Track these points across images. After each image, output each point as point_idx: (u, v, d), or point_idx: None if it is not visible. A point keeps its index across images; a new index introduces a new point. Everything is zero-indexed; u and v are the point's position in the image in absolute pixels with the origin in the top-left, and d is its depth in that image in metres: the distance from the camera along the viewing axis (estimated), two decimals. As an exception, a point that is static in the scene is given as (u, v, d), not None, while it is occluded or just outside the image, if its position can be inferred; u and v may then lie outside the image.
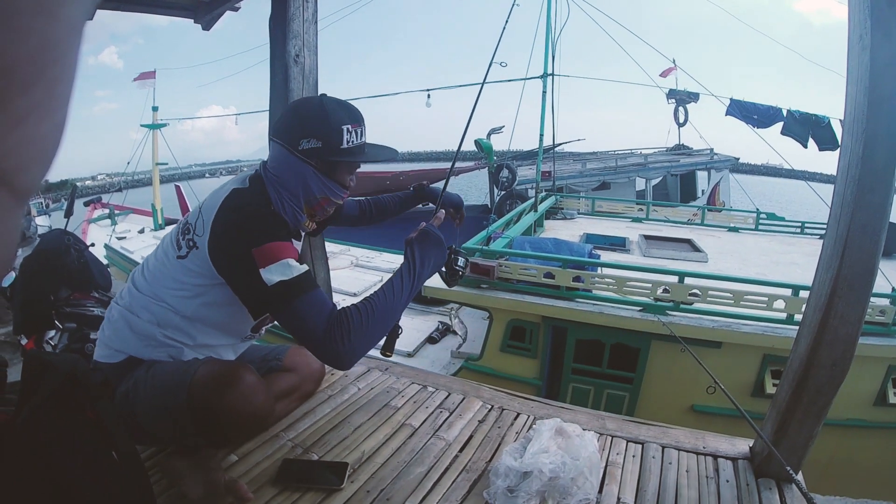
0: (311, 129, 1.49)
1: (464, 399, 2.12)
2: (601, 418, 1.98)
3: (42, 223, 10.45)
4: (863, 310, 1.46)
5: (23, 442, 1.28)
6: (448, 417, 2.00)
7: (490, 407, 2.07)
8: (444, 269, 1.72)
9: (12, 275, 2.98)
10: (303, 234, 1.77)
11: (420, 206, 2.23)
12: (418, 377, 2.32)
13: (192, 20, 2.89)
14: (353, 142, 1.53)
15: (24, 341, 2.86)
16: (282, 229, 1.47)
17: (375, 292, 1.45)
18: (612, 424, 1.94)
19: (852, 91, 1.39)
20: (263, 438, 1.86)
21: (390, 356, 1.69)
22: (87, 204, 11.22)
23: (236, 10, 2.77)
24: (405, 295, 1.48)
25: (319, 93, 2.28)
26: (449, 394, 2.17)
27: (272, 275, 1.34)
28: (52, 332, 2.63)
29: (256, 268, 1.35)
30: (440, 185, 2.07)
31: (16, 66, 0.25)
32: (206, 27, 2.92)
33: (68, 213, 3.30)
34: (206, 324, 1.60)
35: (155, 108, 11.48)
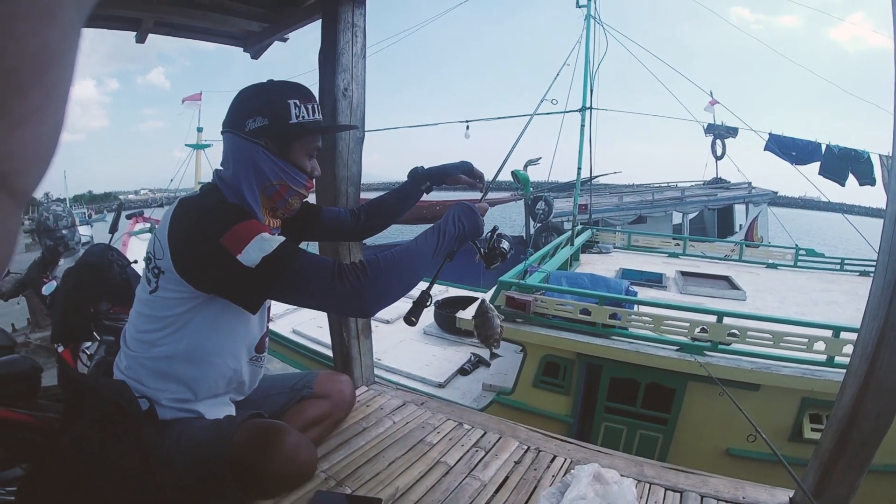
0: (256, 106, 1.44)
1: (500, 438, 2.10)
2: (639, 464, 1.94)
3: (85, 233, 10.76)
4: None
5: (65, 468, 1.29)
6: (484, 457, 1.98)
7: (526, 448, 2.05)
8: (484, 248, 1.73)
9: (53, 283, 3.06)
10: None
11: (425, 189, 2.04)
12: (454, 413, 2.30)
13: (242, 49, 2.97)
14: (303, 117, 1.47)
15: (60, 349, 2.92)
16: (244, 214, 1.38)
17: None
18: (650, 471, 1.90)
19: None
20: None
21: (414, 323, 1.61)
22: (129, 217, 11.53)
23: (285, 40, 2.84)
24: (429, 247, 1.46)
25: (377, 127, 2.32)
26: (485, 432, 2.15)
27: (252, 255, 1.26)
28: (89, 343, 2.68)
29: (233, 256, 1.26)
30: (443, 165, 1.98)
31: (15, 70, 0.25)
32: (255, 56, 2.99)
33: (113, 229, 3.36)
34: (208, 355, 1.51)
35: (200, 129, 11.85)
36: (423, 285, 1.69)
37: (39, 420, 2.14)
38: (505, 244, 1.74)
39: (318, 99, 2.18)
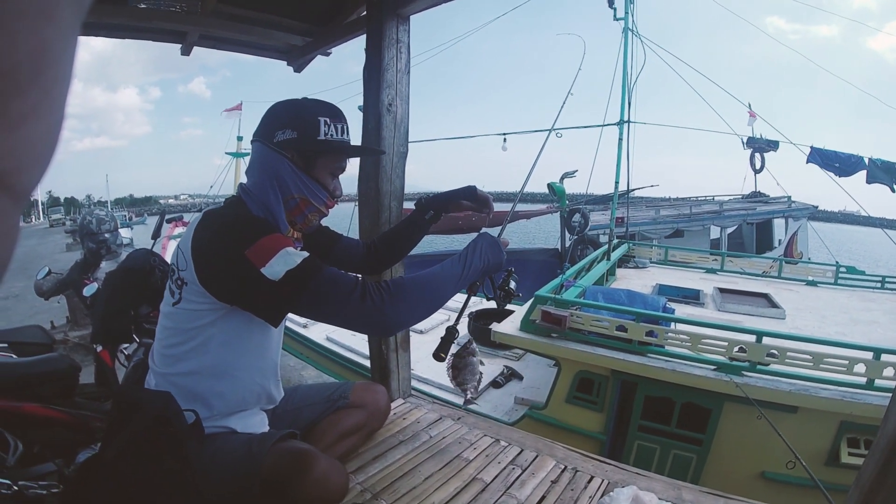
0: (286, 119, 1.47)
1: (537, 457, 2.09)
2: (678, 488, 1.92)
3: (125, 235, 11.04)
4: None
5: (110, 481, 1.30)
6: (520, 475, 1.98)
7: (563, 467, 2.03)
8: (498, 289, 1.78)
9: (94, 285, 3.12)
10: None
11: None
12: (491, 430, 2.30)
13: (286, 62, 3.02)
14: (332, 135, 1.49)
15: (99, 349, 2.99)
16: (270, 228, 1.37)
17: None
18: (688, 495, 1.88)
19: None
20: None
21: (443, 359, 1.66)
22: (169, 221, 11.75)
23: (328, 55, 2.88)
24: (454, 275, 1.48)
25: (415, 139, 2.33)
26: (522, 450, 2.14)
27: (276, 268, 1.26)
28: (128, 345, 2.73)
29: (256, 269, 1.26)
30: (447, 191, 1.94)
31: (12, 69, 0.25)
32: (298, 70, 3.04)
33: (155, 235, 3.41)
34: (234, 370, 1.51)
35: (240, 138, 12.08)
36: (443, 317, 1.74)
37: (76, 418, 2.19)
38: (513, 285, 1.79)
39: (363, 113, 2.22)
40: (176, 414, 1.37)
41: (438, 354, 1.62)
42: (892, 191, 6.77)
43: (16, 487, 1.81)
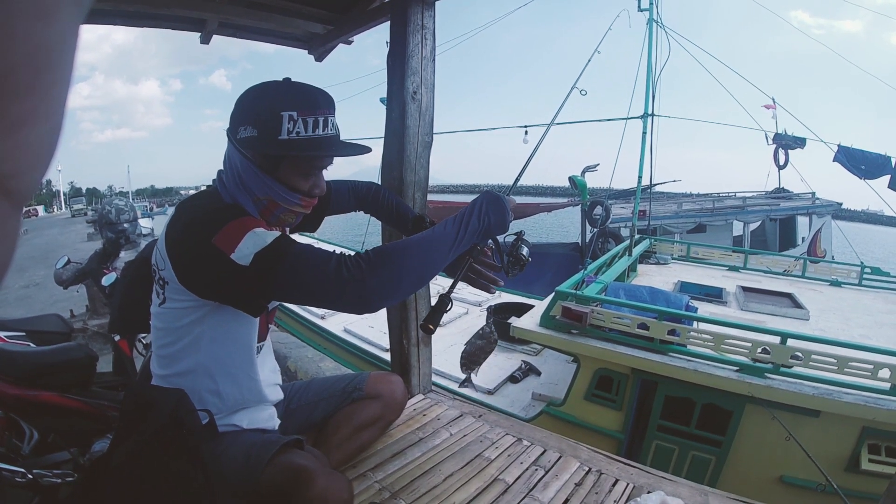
0: (247, 114, 1.31)
1: (560, 458, 2.06)
2: (705, 493, 1.88)
3: (146, 225, 11.09)
4: None
5: (120, 485, 1.26)
6: (543, 476, 1.94)
7: (588, 469, 2.00)
8: (507, 255, 1.59)
9: (113, 275, 3.12)
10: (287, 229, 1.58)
11: None
12: (513, 428, 2.26)
13: (307, 51, 2.98)
14: (298, 132, 1.29)
15: (117, 338, 2.98)
16: (238, 213, 1.28)
17: None
18: (715, 501, 1.84)
19: None
20: (351, 476, 1.84)
21: (432, 331, 1.46)
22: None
23: (349, 43, 2.83)
24: (447, 238, 1.31)
25: (434, 131, 2.26)
26: (545, 450, 2.11)
27: (245, 251, 1.16)
28: (146, 335, 2.72)
29: (226, 256, 1.16)
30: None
31: (10, 71, 0.25)
32: (319, 59, 3.00)
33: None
34: (228, 367, 1.45)
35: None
36: (438, 286, 1.56)
37: (93, 407, 2.19)
38: (524, 250, 1.60)
39: (388, 101, 2.16)
40: (190, 413, 1.32)
41: (427, 326, 1.43)
42: None
43: (30, 476, 1.80)
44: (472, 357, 1.91)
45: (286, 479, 1.37)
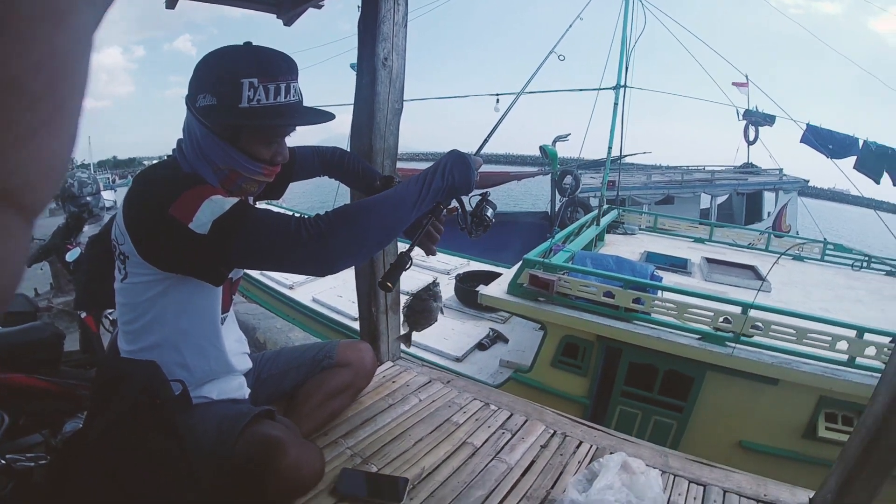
0: (206, 81, 1.26)
1: (526, 421, 2.11)
2: (664, 455, 1.95)
3: (109, 197, 10.85)
4: None
5: (96, 461, 1.26)
6: (510, 439, 1.99)
7: (553, 432, 2.05)
8: (471, 216, 1.54)
9: (77, 250, 3.06)
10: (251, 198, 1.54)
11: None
12: (481, 394, 2.30)
13: (276, 15, 2.91)
14: (259, 100, 1.25)
15: (83, 315, 2.93)
16: (195, 181, 1.25)
17: None
18: (675, 463, 1.91)
19: None
20: (323, 444, 1.86)
21: (390, 289, 1.39)
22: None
23: (320, 7, 2.76)
24: (410, 197, 1.27)
25: (405, 98, 2.23)
26: (511, 414, 2.15)
27: (203, 219, 1.13)
28: (112, 310, 2.69)
29: (184, 225, 1.13)
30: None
31: (20, 79, 0.23)
32: (288, 23, 2.93)
33: None
34: (194, 339, 1.43)
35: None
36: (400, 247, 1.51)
37: (62, 387, 2.15)
38: (489, 212, 1.55)
39: (357, 67, 2.13)
40: (162, 384, 1.31)
41: (385, 283, 1.36)
42: (877, 182, 6.79)
43: (3, 461, 1.77)
44: (414, 321, 1.84)
45: (259, 450, 1.37)
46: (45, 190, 0.27)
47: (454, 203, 1.50)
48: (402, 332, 1.83)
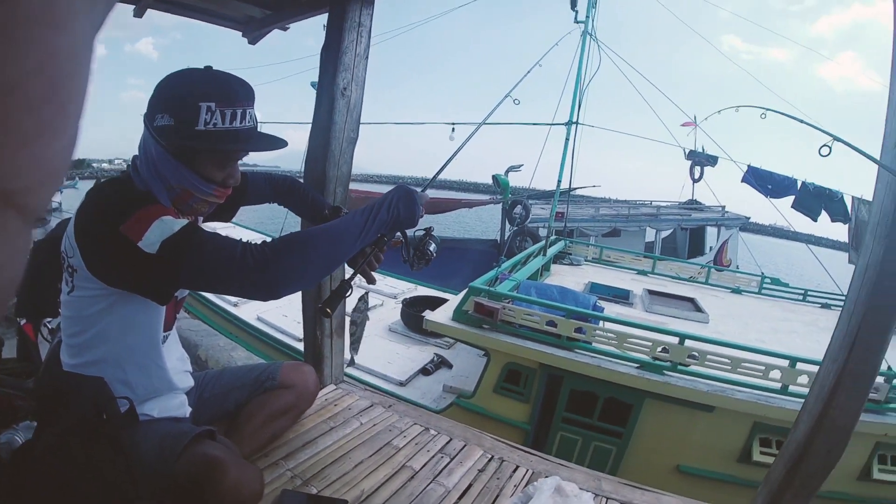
0: (165, 101, 1.27)
1: (465, 446, 2.14)
2: (597, 479, 2.01)
3: (54, 199, 10.43)
4: (862, 402, 1.54)
5: (43, 475, 1.24)
6: (448, 463, 2.02)
7: (490, 457, 2.09)
8: (412, 249, 1.60)
9: None
10: (200, 219, 1.56)
11: None
12: (421, 418, 2.34)
13: (241, 34, 2.93)
14: (216, 123, 1.27)
15: (23, 322, 2.84)
16: (148, 200, 1.26)
17: None
18: (607, 486, 1.97)
19: (881, 194, 1.45)
20: (263, 465, 1.86)
21: (330, 315, 1.44)
22: None
23: (286, 29, 2.81)
24: (354, 229, 1.31)
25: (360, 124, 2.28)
26: (451, 439, 2.19)
27: (152, 239, 1.15)
28: (52, 319, 2.62)
29: (133, 244, 1.14)
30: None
31: (21, 83, 0.23)
32: (253, 42, 2.95)
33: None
34: (137, 357, 1.43)
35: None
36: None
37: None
38: (432, 247, 1.61)
39: (317, 94, 2.17)
40: (109, 401, 1.30)
41: (324, 310, 1.41)
42: (814, 220, 7.12)
43: None
44: (358, 336, 2.00)
45: (199, 470, 1.36)
46: (45, 192, 0.27)
47: (399, 236, 1.55)
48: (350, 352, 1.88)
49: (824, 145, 1.98)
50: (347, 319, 2.30)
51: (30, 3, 0.23)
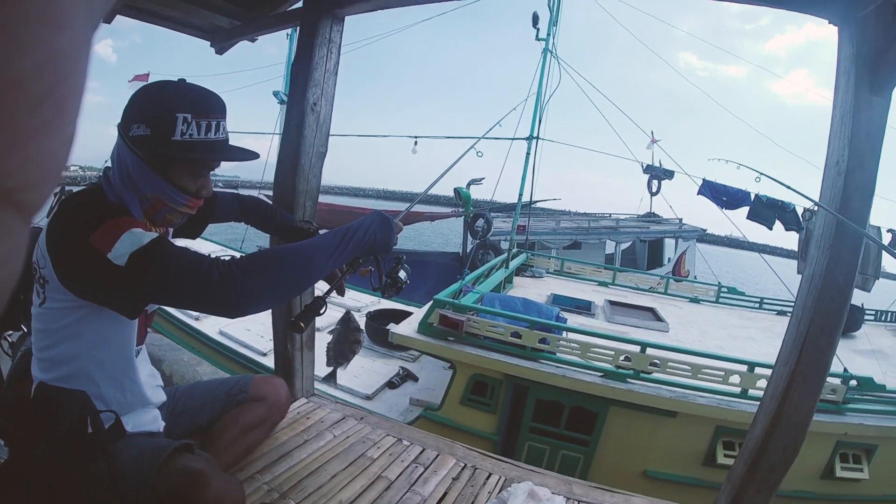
0: (142, 112, 1.30)
1: (438, 455, 2.17)
2: (568, 483, 2.06)
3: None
4: (815, 400, 1.62)
5: (28, 492, 1.23)
6: (423, 473, 2.05)
7: (463, 465, 2.13)
8: (386, 276, 1.65)
9: None
10: (170, 231, 1.58)
11: None
12: (394, 429, 2.36)
13: (209, 43, 2.92)
14: (191, 134, 1.30)
15: None
16: (119, 212, 1.26)
17: None
18: (578, 489, 2.02)
19: (823, 210, 1.54)
20: (240, 479, 1.85)
21: (303, 330, 1.44)
22: (56, 195, 10.91)
23: (253, 41, 2.82)
24: (327, 249, 1.33)
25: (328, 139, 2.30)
26: (424, 449, 2.22)
27: (121, 250, 1.14)
28: (12, 332, 2.55)
29: (103, 255, 1.14)
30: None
31: (20, 82, 0.24)
32: (220, 52, 2.95)
33: (50, 213, 3.21)
34: (110, 371, 1.41)
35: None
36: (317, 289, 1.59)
37: None
38: (402, 274, 1.69)
39: (287, 108, 2.18)
40: (94, 416, 1.29)
41: (297, 324, 1.42)
42: (770, 229, 7.36)
43: None
44: (343, 356, 1.98)
45: (181, 483, 1.35)
46: (44, 190, 0.27)
47: (368, 266, 1.59)
48: (328, 372, 1.90)
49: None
50: (318, 334, 2.30)
51: (30, 2, 0.23)
